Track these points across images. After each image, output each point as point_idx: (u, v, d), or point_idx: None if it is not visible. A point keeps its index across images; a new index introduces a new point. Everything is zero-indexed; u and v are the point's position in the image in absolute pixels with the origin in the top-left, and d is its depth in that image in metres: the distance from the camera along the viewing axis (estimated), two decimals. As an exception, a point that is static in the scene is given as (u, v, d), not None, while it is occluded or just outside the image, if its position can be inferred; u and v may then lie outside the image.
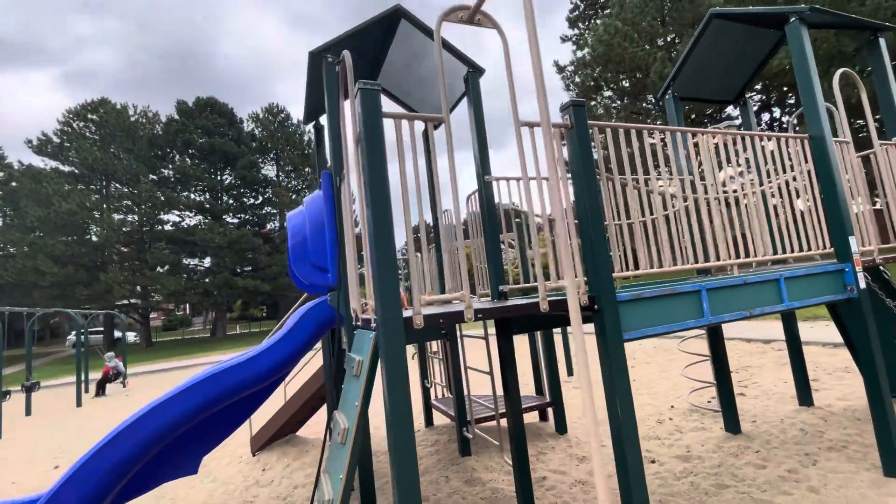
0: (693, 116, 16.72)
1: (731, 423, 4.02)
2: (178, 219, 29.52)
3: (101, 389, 12.01)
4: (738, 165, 3.02)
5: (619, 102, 16.83)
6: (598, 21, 19.44)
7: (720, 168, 3.01)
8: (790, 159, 3.20)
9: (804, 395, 4.49)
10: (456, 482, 3.69)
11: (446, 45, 3.58)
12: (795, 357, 4.49)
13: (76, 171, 27.85)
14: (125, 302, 27.56)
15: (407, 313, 1.84)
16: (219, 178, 30.59)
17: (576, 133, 2.30)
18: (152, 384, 13.64)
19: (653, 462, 3.71)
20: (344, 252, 2.84)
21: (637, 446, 2.15)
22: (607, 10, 22.53)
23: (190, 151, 29.43)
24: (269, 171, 33.16)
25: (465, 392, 3.90)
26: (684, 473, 3.43)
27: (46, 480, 5.06)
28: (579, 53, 25.82)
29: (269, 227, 33.56)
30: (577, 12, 25.14)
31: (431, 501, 3.39)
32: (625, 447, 2.08)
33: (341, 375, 3.92)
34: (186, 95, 30.43)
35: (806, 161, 3.27)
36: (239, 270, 29.05)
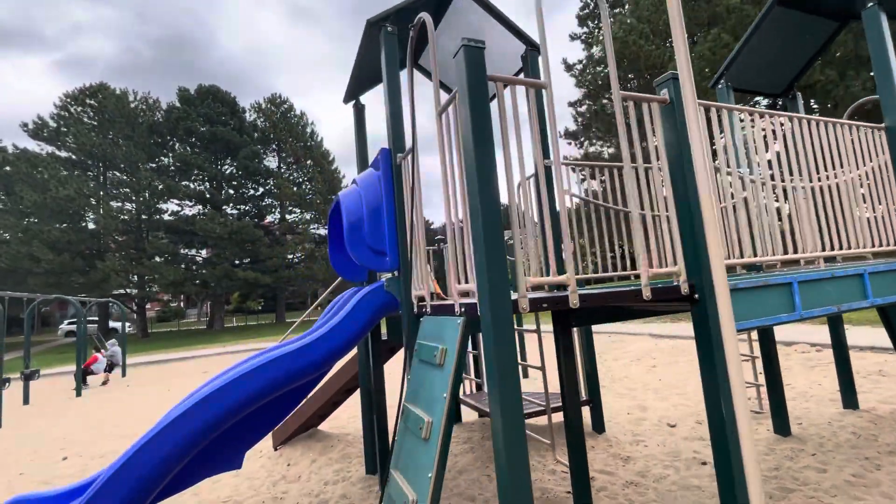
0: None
1: (781, 424, 3.89)
2: (177, 208, 29.12)
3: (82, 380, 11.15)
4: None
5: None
6: (611, 19, 19.30)
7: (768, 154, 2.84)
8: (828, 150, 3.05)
9: (849, 397, 4.37)
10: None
11: (503, 20, 3.39)
12: (841, 359, 4.37)
13: (73, 156, 27.34)
14: (121, 292, 27.15)
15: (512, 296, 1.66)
16: (220, 167, 30.18)
17: (675, 109, 2.13)
18: (153, 375, 13.38)
19: (704, 464, 3.56)
20: (404, 235, 2.66)
21: (751, 443, 1.97)
22: (617, 10, 22.38)
23: (191, 140, 28.99)
24: (270, 162, 32.83)
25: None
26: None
27: (55, 472, 4.84)
28: (589, 51, 25.75)
29: (268, 219, 33.21)
30: (587, 10, 24.99)
31: (479, 501, 3.22)
32: (733, 445, 1.92)
33: (379, 364, 3.74)
34: (183, 86, 29.70)
35: (880, 154, 3.13)
36: (238, 262, 28.72)
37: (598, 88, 18.47)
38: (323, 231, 33.05)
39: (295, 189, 30.70)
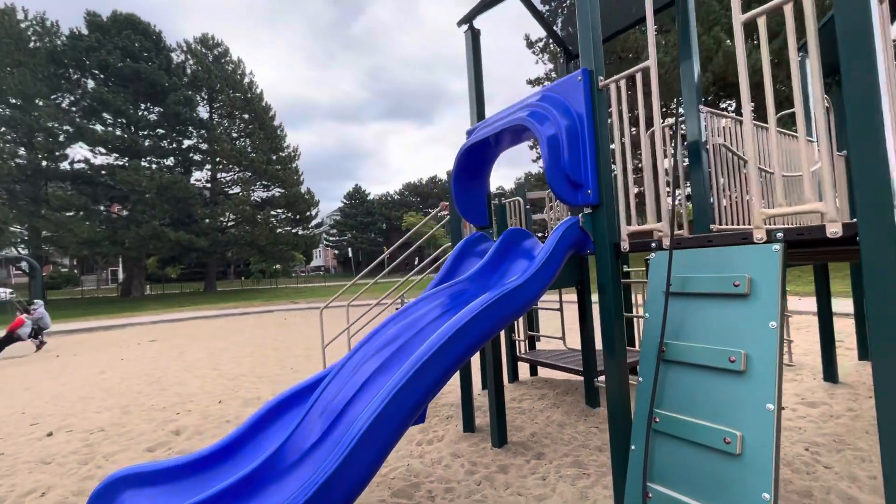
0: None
1: (831, 373, 4.33)
2: (89, 155, 24.78)
3: None
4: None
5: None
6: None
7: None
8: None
9: (864, 350, 5.00)
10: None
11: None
12: (861, 318, 4.96)
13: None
14: (9, 251, 22.81)
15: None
16: (142, 112, 26.06)
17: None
18: (82, 344, 11.53)
19: (782, 408, 3.86)
20: (607, 166, 2.42)
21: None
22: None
23: (103, 76, 24.54)
24: (200, 112, 29.07)
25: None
26: (824, 418, 3.60)
27: (50, 450, 3.96)
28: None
29: (196, 175, 29.72)
30: (551, -13, 25.05)
31: (606, 451, 3.17)
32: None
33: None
34: (91, 9, 24.21)
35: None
36: (159, 222, 25.28)
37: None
38: (263, 194, 30.48)
39: (231, 145, 27.58)
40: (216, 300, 24.55)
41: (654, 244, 2.24)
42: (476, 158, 3.18)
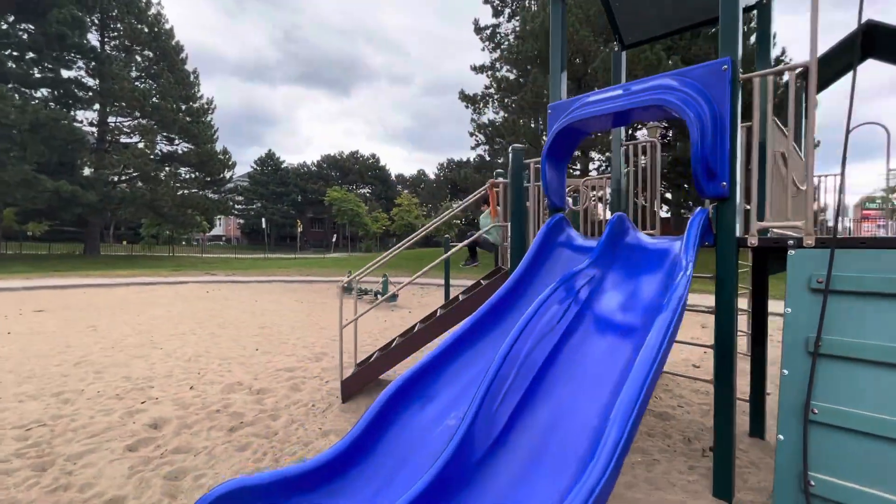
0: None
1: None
2: None
3: None
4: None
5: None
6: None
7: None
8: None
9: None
10: (651, 418, 3.67)
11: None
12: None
13: None
14: None
15: None
16: (7, 26, 20.60)
17: None
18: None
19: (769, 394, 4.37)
20: (735, 158, 2.43)
21: None
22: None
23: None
24: (91, 40, 23.97)
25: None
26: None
27: (8, 448, 2.99)
28: (498, 19, 26.22)
29: (80, 116, 24.63)
30: (502, -24, 25.10)
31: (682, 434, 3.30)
32: None
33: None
34: None
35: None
36: (30, 166, 20.45)
37: (524, 58, 18.93)
38: (167, 147, 26.39)
39: (130, 84, 23.21)
40: (103, 266, 20.92)
41: (791, 242, 2.30)
42: (568, 137, 3.00)
